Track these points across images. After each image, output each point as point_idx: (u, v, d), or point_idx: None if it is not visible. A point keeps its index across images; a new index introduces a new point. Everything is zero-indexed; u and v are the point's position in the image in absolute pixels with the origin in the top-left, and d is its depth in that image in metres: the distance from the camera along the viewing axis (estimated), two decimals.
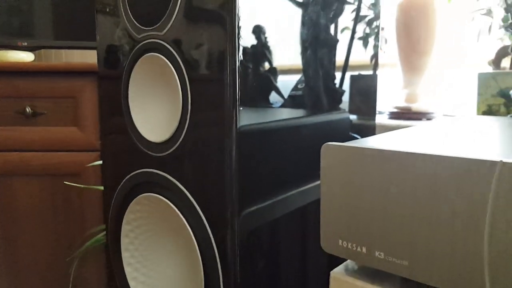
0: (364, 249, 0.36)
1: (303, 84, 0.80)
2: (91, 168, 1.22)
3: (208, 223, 0.49)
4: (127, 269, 0.60)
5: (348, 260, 0.42)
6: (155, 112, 0.54)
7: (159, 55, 0.51)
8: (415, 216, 0.32)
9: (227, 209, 0.49)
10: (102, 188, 1.18)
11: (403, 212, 0.33)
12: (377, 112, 0.94)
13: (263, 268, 0.55)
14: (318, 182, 0.71)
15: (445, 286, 0.31)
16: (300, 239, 0.64)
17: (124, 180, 0.58)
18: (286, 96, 0.82)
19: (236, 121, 0.47)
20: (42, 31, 1.39)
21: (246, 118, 0.48)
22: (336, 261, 0.69)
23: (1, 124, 1.22)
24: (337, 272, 0.40)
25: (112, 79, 0.59)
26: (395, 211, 0.34)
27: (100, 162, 1.15)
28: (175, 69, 0.49)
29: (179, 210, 0.51)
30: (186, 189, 0.50)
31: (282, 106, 0.82)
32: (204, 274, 0.50)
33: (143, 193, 0.56)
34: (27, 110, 1.21)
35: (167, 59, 0.49)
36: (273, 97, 0.80)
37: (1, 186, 1.24)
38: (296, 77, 0.81)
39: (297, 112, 0.69)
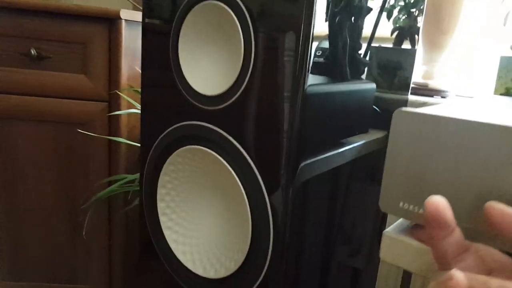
0: None
1: (335, 52, 0.79)
2: (98, 118, 1.19)
3: (262, 179, 0.50)
4: (162, 219, 0.60)
5: (400, 221, 0.44)
6: (207, 64, 0.53)
7: (220, 3, 0.49)
8: (485, 186, 0.34)
9: (285, 168, 0.49)
10: (110, 137, 1.16)
11: (474, 182, 0.34)
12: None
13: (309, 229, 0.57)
14: (353, 144, 0.72)
15: None
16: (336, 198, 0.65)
17: (167, 131, 0.57)
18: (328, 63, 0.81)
19: (304, 84, 0.47)
20: None
21: (310, 80, 0.48)
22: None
23: (2, 64, 1.16)
24: (390, 232, 0.41)
25: (160, 27, 0.57)
26: (465, 180, 0.35)
27: (117, 112, 1.14)
28: (238, 19, 0.48)
29: (229, 165, 0.51)
30: (240, 145, 0.50)
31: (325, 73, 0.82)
32: (252, 233, 0.51)
33: (187, 145, 0.55)
34: (32, 52, 1.15)
35: (230, 8, 0.48)
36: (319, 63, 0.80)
37: (2, 131, 1.20)
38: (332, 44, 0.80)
39: (337, 80, 0.69)
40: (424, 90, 1.05)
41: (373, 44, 1.04)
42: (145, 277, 0.68)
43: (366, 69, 1.04)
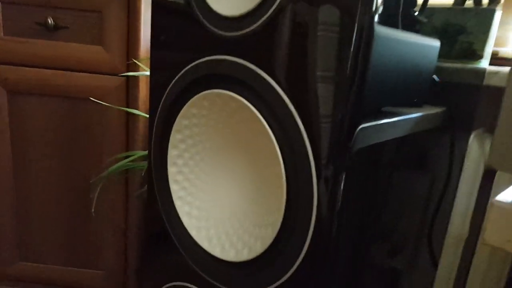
0: None
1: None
2: (114, 92, 1.11)
3: (307, 135, 0.37)
4: (173, 187, 0.48)
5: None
6: None
7: None
8: None
9: (340, 118, 0.37)
10: (127, 109, 1.09)
11: None
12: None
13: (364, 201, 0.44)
14: (410, 115, 0.60)
15: None
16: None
17: (180, 74, 0.45)
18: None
19: (371, 12, 0.34)
20: None
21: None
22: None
23: (19, 34, 1.11)
24: (502, 200, 0.28)
25: None
26: None
27: (131, 74, 1.06)
28: None
29: (260, 113, 0.38)
30: (278, 84, 0.38)
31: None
32: (286, 204, 0.38)
33: (204, 90, 0.43)
34: (49, 21, 1.10)
35: None
36: None
37: (16, 105, 1.16)
38: None
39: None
40: (493, 59, 0.89)
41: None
42: (156, 261, 0.57)
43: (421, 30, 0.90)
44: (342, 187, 0.40)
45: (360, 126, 0.41)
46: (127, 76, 1.12)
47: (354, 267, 0.65)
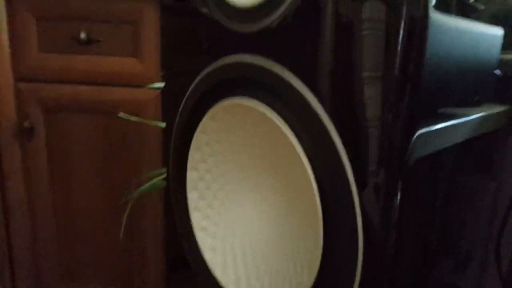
0: None
1: None
2: (150, 106, 1.08)
3: (346, 148, 0.29)
4: (194, 215, 0.40)
5: None
6: None
7: None
8: None
9: (391, 125, 0.29)
10: (162, 124, 1.05)
11: None
12: None
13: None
14: (471, 116, 0.50)
15: None
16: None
17: (196, 81, 0.38)
18: None
19: None
20: None
21: None
22: None
23: (54, 50, 1.09)
24: None
25: None
26: None
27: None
28: None
29: (287, 124, 0.30)
30: (309, 88, 0.29)
31: None
32: (324, 236, 0.30)
33: (221, 99, 0.35)
34: (82, 35, 1.08)
35: None
36: None
37: (54, 123, 1.14)
38: None
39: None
40: None
41: None
42: None
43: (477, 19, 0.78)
44: (395, 206, 0.32)
45: (418, 132, 0.33)
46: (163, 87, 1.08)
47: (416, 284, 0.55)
